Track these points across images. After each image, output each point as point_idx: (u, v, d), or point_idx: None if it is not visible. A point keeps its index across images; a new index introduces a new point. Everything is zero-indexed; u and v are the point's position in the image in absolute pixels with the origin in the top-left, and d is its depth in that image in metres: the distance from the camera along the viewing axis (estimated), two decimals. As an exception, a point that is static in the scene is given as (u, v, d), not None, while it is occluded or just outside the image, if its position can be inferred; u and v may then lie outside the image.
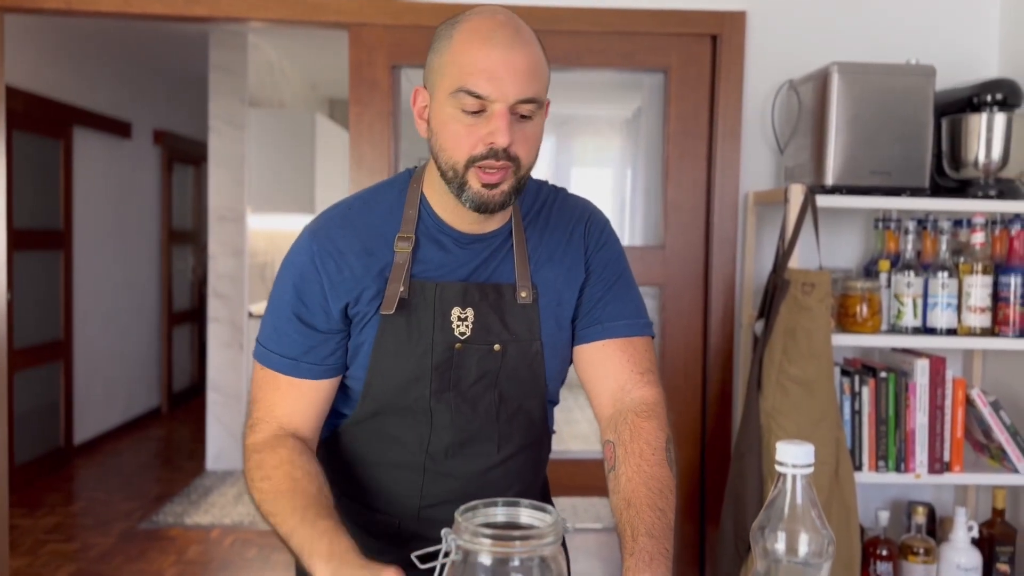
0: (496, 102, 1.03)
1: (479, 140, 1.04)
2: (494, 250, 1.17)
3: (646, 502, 1.05)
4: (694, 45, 2.42)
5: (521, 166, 1.07)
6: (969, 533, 2.16)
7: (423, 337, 1.13)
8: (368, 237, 1.14)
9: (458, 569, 0.75)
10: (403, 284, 1.11)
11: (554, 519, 0.78)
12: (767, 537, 0.77)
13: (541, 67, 1.07)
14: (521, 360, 1.17)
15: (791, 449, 0.76)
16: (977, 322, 2.12)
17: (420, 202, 1.15)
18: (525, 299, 1.15)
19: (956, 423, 2.16)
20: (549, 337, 1.18)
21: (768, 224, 2.42)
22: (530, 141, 1.07)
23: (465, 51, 1.04)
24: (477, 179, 1.06)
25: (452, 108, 1.05)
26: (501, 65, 1.02)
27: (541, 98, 1.06)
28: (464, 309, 1.14)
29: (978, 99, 2.16)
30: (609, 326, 1.19)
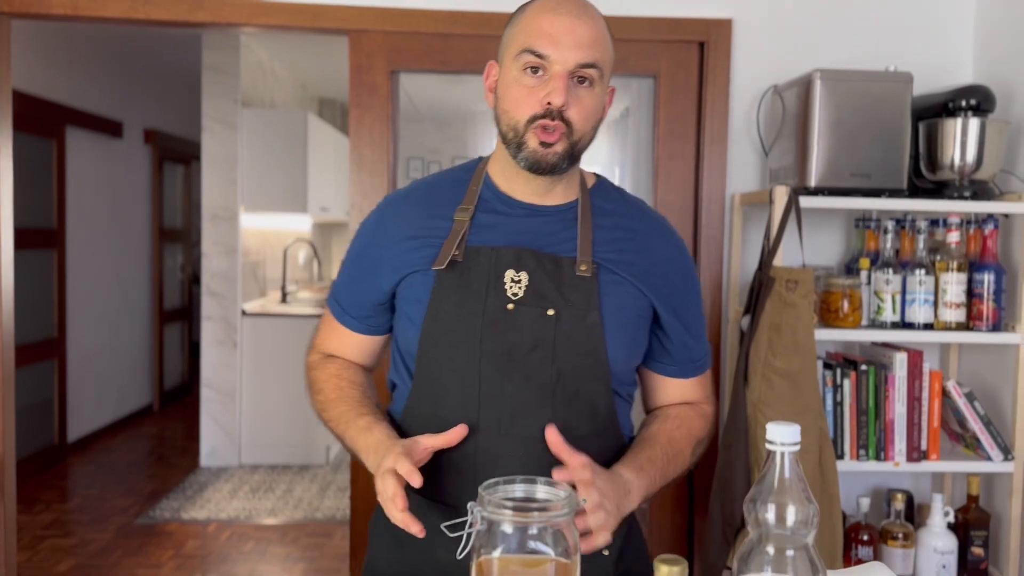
0: (556, 64, 1.10)
1: (538, 100, 1.11)
2: (557, 224, 1.19)
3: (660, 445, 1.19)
4: (683, 51, 2.51)
5: (575, 131, 1.12)
6: (945, 518, 2.26)
7: (475, 298, 1.14)
8: (432, 208, 1.21)
9: (483, 537, 0.83)
10: (458, 248, 1.16)
11: (567, 494, 0.86)
12: (758, 509, 0.85)
13: (603, 41, 1.14)
14: (578, 330, 1.14)
15: (780, 429, 0.84)
16: (952, 317, 2.22)
17: (484, 179, 1.22)
18: (584, 272, 1.15)
19: (933, 414, 2.25)
20: (610, 313, 1.16)
21: (754, 224, 2.51)
22: (586, 109, 1.13)
23: (533, 19, 1.13)
24: (535, 137, 1.12)
25: (516, 71, 1.13)
26: (564, 30, 1.10)
27: (601, 65, 1.12)
28: (518, 272, 1.15)
29: (953, 104, 2.25)
30: (691, 366, 1.29)
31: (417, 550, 1.17)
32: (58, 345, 4.78)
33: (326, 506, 4.12)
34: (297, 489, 4.38)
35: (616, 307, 1.17)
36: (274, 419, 4.83)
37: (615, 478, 1.08)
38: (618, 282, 1.18)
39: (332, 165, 5.58)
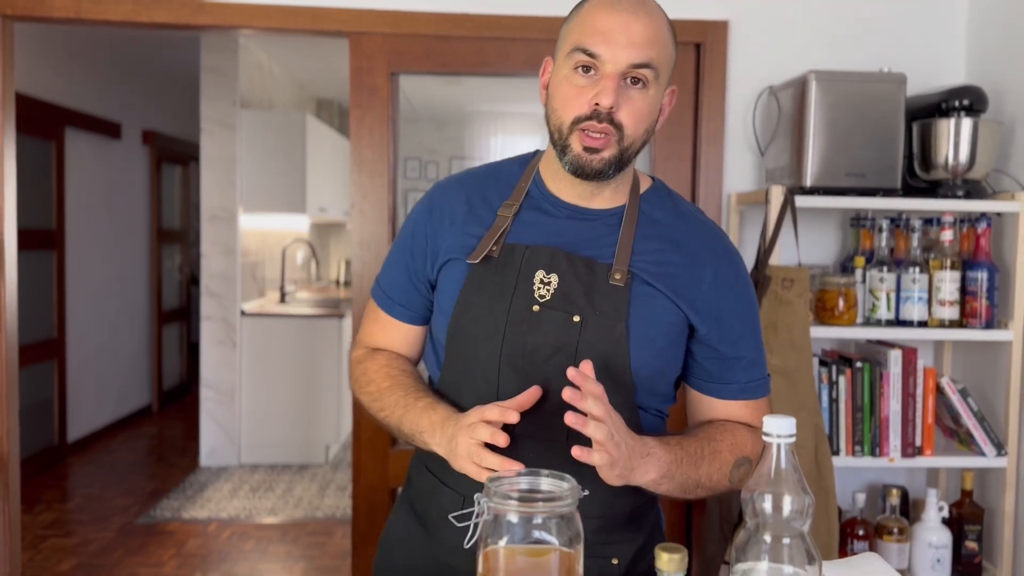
0: (607, 63, 1.06)
1: (585, 101, 1.07)
2: (600, 228, 1.15)
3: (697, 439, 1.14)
4: (679, 53, 2.52)
5: (625, 135, 1.08)
6: (940, 513, 2.29)
7: (504, 294, 1.13)
8: (479, 200, 1.20)
9: (489, 527, 0.85)
10: (496, 244, 1.14)
11: (571, 485, 0.89)
12: (756, 499, 0.88)
13: (660, 39, 1.08)
14: (602, 339, 1.10)
15: (776, 421, 0.87)
16: (946, 315, 2.25)
17: (534, 176, 1.20)
18: (618, 281, 1.11)
19: (927, 410, 2.28)
20: (637, 325, 1.11)
21: (750, 223, 2.54)
22: (638, 112, 1.08)
23: (588, 15, 1.09)
24: (579, 141, 1.08)
25: (567, 69, 1.09)
26: (618, 28, 1.06)
27: (657, 65, 1.07)
28: (548, 274, 1.12)
29: (946, 105, 2.28)
30: (744, 387, 1.19)
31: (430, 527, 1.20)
32: (58, 345, 4.79)
33: (326, 505, 4.14)
34: (297, 488, 4.40)
35: (646, 319, 1.12)
36: (274, 419, 4.85)
37: (635, 435, 1.04)
38: (652, 294, 1.13)
39: (330, 166, 5.60)
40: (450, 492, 1.17)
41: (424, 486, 1.23)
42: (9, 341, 2.44)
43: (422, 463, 1.25)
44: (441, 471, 1.18)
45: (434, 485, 1.21)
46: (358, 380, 1.27)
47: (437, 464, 1.18)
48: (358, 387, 1.27)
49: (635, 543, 1.19)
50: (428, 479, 1.22)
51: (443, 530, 1.15)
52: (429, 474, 1.22)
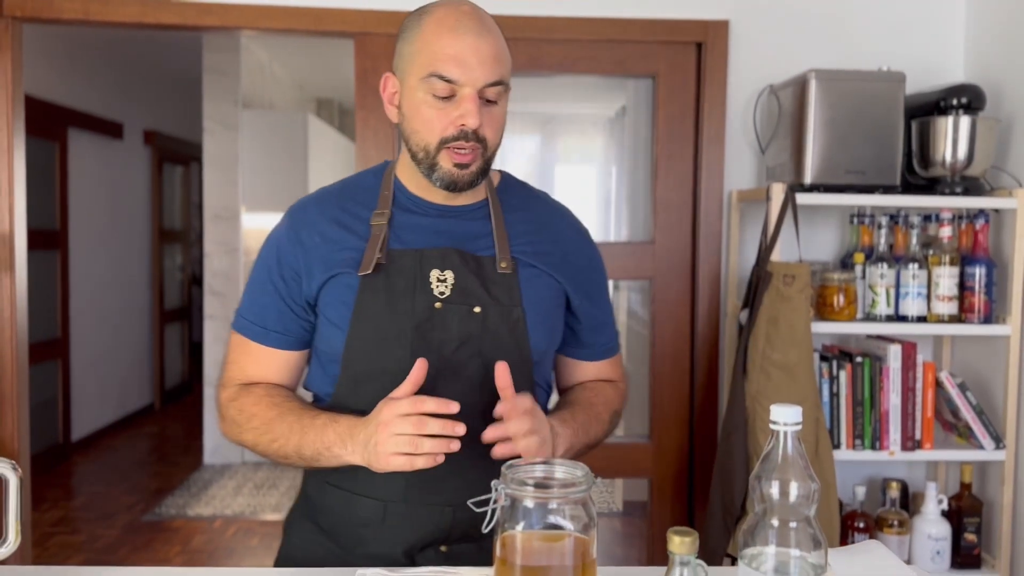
0: (465, 86, 1.11)
1: (450, 123, 1.12)
2: (470, 223, 1.22)
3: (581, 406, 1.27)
4: (680, 52, 2.57)
5: (488, 147, 1.16)
6: (939, 506, 2.32)
7: (403, 298, 1.15)
8: (344, 214, 1.21)
9: (506, 512, 0.88)
10: (380, 251, 1.16)
11: (584, 472, 0.92)
12: (763, 485, 0.91)
13: (505, 54, 1.16)
14: (502, 324, 1.18)
15: (783, 410, 0.90)
16: (945, 310, 2.28)
17: (394, 184, 1.23)
18: (505, 269, 1.19)
19: (927, 404, 2.31)
20: (531, 307, 1.20)
21: (751, 220, 2.57)
22: (496, 123, 1.16)
23: (434, 39, 1.11)
24: (449, 159, 1.14)
25: (423, 93, 1.12)
26: (469, 51, 1.10)
27: (506, 81, 1.15)
28: (443, 271, 1.17)
29: (945, 103, 2.31)
30: (603, 349, 1.35)
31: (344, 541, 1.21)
32: (62, 345, 4.82)
33: (330, 502, 4.17)
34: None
35: (536, 299, 1.21)
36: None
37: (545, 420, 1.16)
38: (536, 275, 1.22)
39: (331, 165, 5.62)
40: (368, 501, 1.18)
41: (330, 503, 1.22)
42: (19, 339, 2.47)
43: (323, 482, 1.23)
44: (351, 483, 1.19)
45: (345, 499, 1.20)
46: (235, 420, 1.21)
47: (346, 478, 1.19)
48: (237, 427, 1.20)
49: None
50: (335, 495, 1.21)
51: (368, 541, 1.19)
52: (336, 489, 1.21)
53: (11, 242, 2.43)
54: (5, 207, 2.42)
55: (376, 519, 1.18)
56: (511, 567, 0.88)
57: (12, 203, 2.43)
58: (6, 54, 2.39)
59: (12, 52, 2.41)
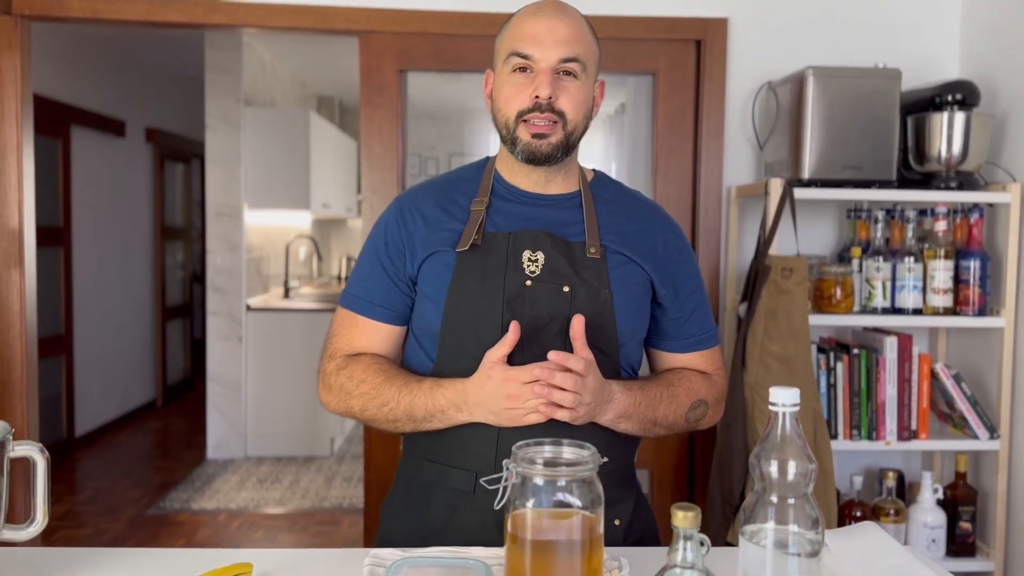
0: (540, 60, 1.21)
1: (527, 96, 1.22)
2: (562, 211, 1.29)
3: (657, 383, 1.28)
4: (680, 50, 2.60)
5: (567, 121, 1.23)
6: (934, 495, 2.36)
7: (496, 276, 1.23)
8: (447, 201, 1.31)
9: (517, 490, 0.92)
10: (478, 233, 1.25)
11: (591, 452, 0.95)
12: (762, 464, 0.95)
13: (583, 37, 1.24)
14: (591, 305, 1.23)
15: (781, 392, 0.94)
16: (940, 302, 2.32)
17: (494, 175, 1.32)
18: (594, 254, 1.25)
19: (922, 395, 2.35)
20: (618, 290, 1.26)
21: (750, 215, 2.60)
22: (575, 99, 1.23)
23: (517, 24, 1.25)
24: (527, 131, 1.22)
25: (506, 72, 1.24)
26: (544, 31, 1.21)
27: (583, 59, 1.22)
28: (535, 252, 1.25)
29: (940, 99, 2.34)
30: (700, 339, 1.36)
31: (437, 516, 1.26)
32: (66, 341, 4.85)
33: (333, 495, 4.21)
34: (304, 480, 4.47)
35: (623, 284, 1.27)
36: (279, 411, 4.92)
37: (603, 384, 1.18)
38: (624, 262, 1.28)
39: (332, 163, 5.66)
40: (460, 472, 1.25)
41: (426, 477, 1.28)
42: (29, 334, 2.51)
43: (421, 459, 1.30)
44: (447, 456, 1.25)
45: (439, 472, 1.27)
46: (343, 387, 1.27)
47: (442, 451, 1.26)
48: (345, 394, 1.27)
49: (630, 502, 1.31)
50: (431, 469, 1.28)
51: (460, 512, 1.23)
52: (432, 464, 1.28)
53: (20, 238, 2.46)
54: (14, 204, 2.46)
55: (467, 489, 1.24)
56: (521, 543, 0.92)
57: (21, 200, 2.46)
58: (15, 52, 2.42)
59: (21, 50, 2.44)
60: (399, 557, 1.09)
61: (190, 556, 1.17)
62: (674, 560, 0.87)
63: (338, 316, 1.34)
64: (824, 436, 2.21)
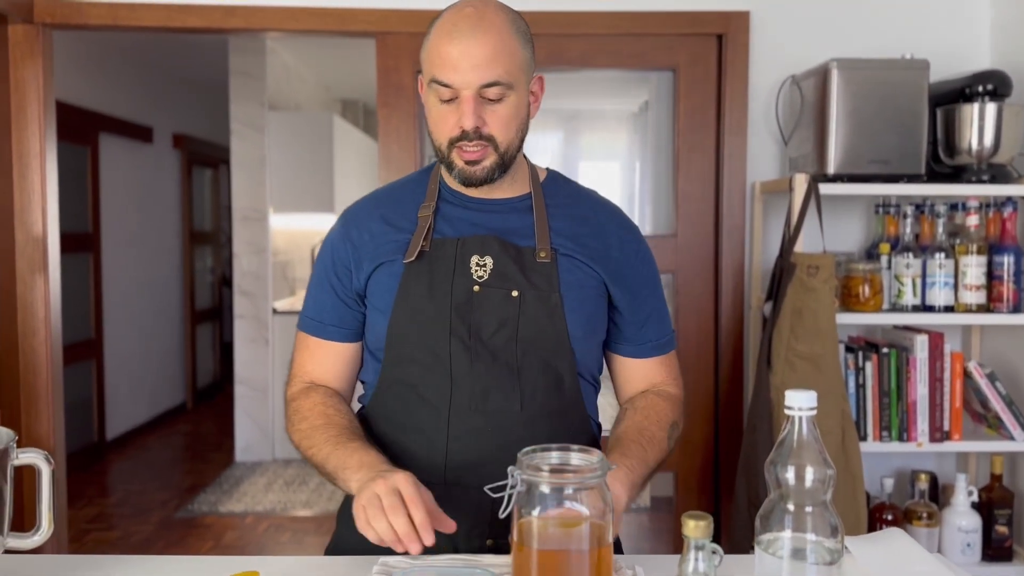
0: (462, 89, 1.15)
1: (454, 124, 1.17)
2: (511, 216, 1.25)
3: (632, 437, 1.21)
4: (701, 44, 2.56)
5: (499, 143, 1.18)
6: (969, 498, 2.30)
7: (443, 282, 1.21)
8: (392, 212, 1.27)
9: (522, 498, 0.90)
10: (425, 240, 1.22)
11: (599, 458, 0.92)
12: (778, 470, 0.91)
13: (505, 52, 1.16)
14: (540, 310, 1.20)
15: (797, 395, 0.90)
16: (973, 299, 2.25)
17: (439, 181, 1.29)
18: (544, 258, 1.22)
19: (955, 394, 2.29)
20: (568, 293, 1.22)
21: (774, 212, 2.55)
22: (503, 120, 1.18)
23: (434, 46, 1.17)
24: (460, 158, 1.19)
25: (432, 97, 1.19)
26: (461, 56, 1.14)
27: (506, 80, 1.15)
28: (483, 257, 1.22)
29: (970, 90, 2.28)
30: (653, 345, 1.31)
31: None
32: (96, 346, 4.91)
33: (359, 498, 4.21)
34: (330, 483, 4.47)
35: (574, 287, 1.23)
36: (306, 415, 4.92)
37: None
38: (575, 265, 1.24)
39: (356, 166, 5.67)
40: None
41: None
42: (53, 340, 2.53)
43: None
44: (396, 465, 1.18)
45: None
46: (289, 418, 1.27)
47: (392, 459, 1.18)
48: (290, 425, 1.26)
49: None
50: None
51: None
52: None
53: (44, 245, 2.49)
54: (38, 211, 2.48)
55: None
56: (528, 552, 0.89)
57: (45, 207, 2.49)
58: (37, 60, 2.45)
59: (43, 58, 2.46)
60: (407, 565, 1.07)
61: (196, 564, 1.16)
62: (685, 571, 0.84)
63: (296, 340, 1.33)
64: (853, 438, 2.16)
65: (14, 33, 2.43)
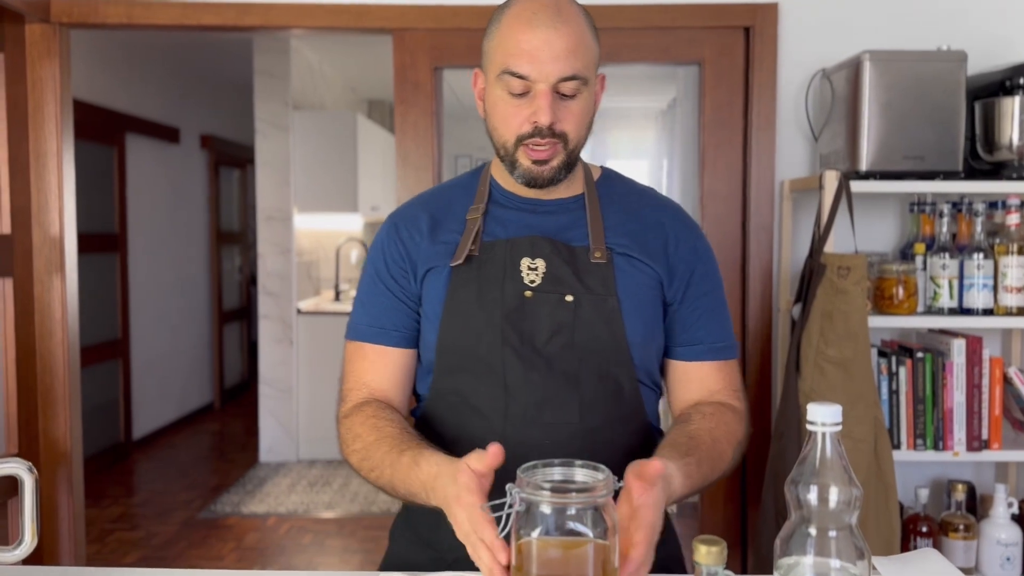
0: (538, 82, 1.09)
1: (525, 119, 1.10)
2: (565, 217, 1.19)
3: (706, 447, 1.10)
4: (728, 37, 2.48)
5: (569, 141, 1.12)
6: (1009, 509, 2.20)
7: (493, 287, 1.14)
8: (441, 213, 1.22)
9: (522, 518, 0.84)
10: (474, 243, 1.16)
11: (605, 475, 0.86)
12: (800, 491, 0.84)
13: (583, 46, 1.10)
14: (597, 315, 1.14)
15: (820, 409, 0.83)
16: (1014, 302, 2.15)
17: (490, 181, 1.23)
18: (599, 259, 1.15)
19: (994, 401, 2.19)
20: (626, 296, 1.15)
21: (804, 210, 2.47)
22: (577, 117, 1.12)
23: (509, 34, 1.10)
24: (526, 156, 1.12)
25: (500, 90, 1.12)
26: (541, 46, 1.08)
27: (584, 75, 1.10)
28: (534, 260, 1.15)
29: (1010, 83, 2.18)
30: (707, 347, 1.21)
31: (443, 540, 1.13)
32: (122, 346, 4.93)
33: (382, 499, 4.18)
34: (353, 483, 4.45)
35: (632, 289, 1.16)
36: (330, 414, 4.83)
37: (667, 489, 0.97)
38: (631, 264, 1.17)
39: (381, 165, 5.64)
40: None
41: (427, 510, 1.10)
42: (71, 342, 2.51)
43: None
44: None
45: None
46: (344, 439, 1.18)
47: None
48: (345, 448, 1.18)
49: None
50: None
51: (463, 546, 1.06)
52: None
53: (61, 245, 2.47)
54: (55, 211, 2.47)
55: None
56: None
57: (62, 207, 2.47)
58: (54, 60, 2.43)
59: (60, 58, 2.44)
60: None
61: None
62: (696, 600, 0.78)
63: (346, 352, 1.25)
64: (886, 446, 2.07)
65: (31, 32, 2.41)
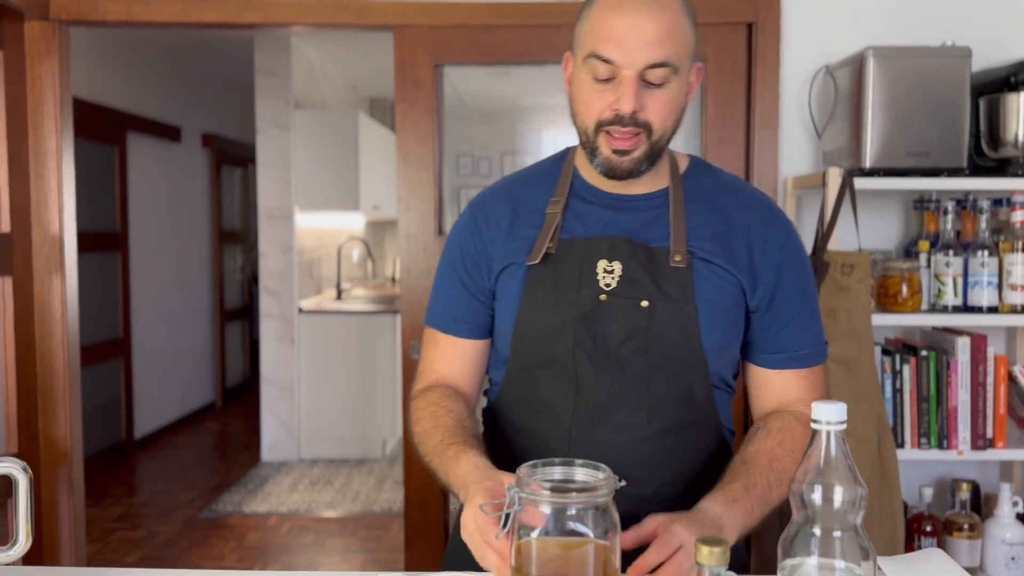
0: (624, 68, 1.05)
1: (607, 106, 1.07)
2: (647, 214, 1.15)
3: (760, 468, 1.08)
4: (730, 33, 2.46)
5: (654, 131, 1.08)
6: (1014, 508, 2.18)
7: (568, 288, 1.12)
8: (520, 204, 1.20)
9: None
10: (551, 240, 1.14)
11: (606, 475, 0.85)
12: (804, 490, 0.83)
13: (676, 33, 1.06)
14: (672, 322, 1.11)
15: (824, 407, 0.82)
16: (1018, 299, 2.14)
17: (573, 172, 1.20)
18: (679, 263, 1.11)
19: (999, 400, 2.17)
20: (704, 304, 1.12)
21: (807, 208, 2.45)
22: (664, 107, 1.07)
23: (599, 18, 1.07)
24: (607, 144, 1.09)
25: (586, 74, 1.08)
26: (629, 31, 1.04)
27: (674, 63, 1.06)
28: (611, 262, 1.12)
29: (1016, 79, 2.17)
30: (789, 356, 1.17)
31: None
32: (124, 345, 4.93)
33: (383, 499, 4.17)
34: (355, 482, 4.44)
35: (711, 296, 1.12)
36: (332, 414, 4.91)
37: (700, 517, 1.00)
38: (712, 270, 1.13)
39: (382, 164, 5.63)
40: None
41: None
42: (71, 341, 2.50)
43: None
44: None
45: None
46: (411, 417, 1.24)
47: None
48: (411, 424, 1.24)
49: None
50: None
51: None
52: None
53: (61, 244, 2.46)
54: (55, 210, 2.46)
55: None
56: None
57: (61, 206, 2.46)
58: (54, 57, 2.42)
59: (60, 55, 2.43)
60: None
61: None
62: (698, 602, 0.76)
63: (424, 336, 1.28)
64: (890, 445, 2.06)
65: (30, 30, 2.40)
